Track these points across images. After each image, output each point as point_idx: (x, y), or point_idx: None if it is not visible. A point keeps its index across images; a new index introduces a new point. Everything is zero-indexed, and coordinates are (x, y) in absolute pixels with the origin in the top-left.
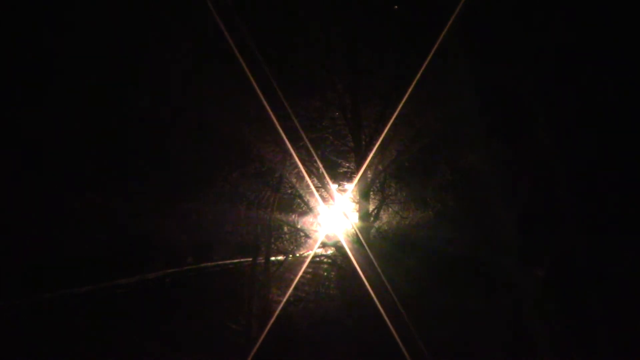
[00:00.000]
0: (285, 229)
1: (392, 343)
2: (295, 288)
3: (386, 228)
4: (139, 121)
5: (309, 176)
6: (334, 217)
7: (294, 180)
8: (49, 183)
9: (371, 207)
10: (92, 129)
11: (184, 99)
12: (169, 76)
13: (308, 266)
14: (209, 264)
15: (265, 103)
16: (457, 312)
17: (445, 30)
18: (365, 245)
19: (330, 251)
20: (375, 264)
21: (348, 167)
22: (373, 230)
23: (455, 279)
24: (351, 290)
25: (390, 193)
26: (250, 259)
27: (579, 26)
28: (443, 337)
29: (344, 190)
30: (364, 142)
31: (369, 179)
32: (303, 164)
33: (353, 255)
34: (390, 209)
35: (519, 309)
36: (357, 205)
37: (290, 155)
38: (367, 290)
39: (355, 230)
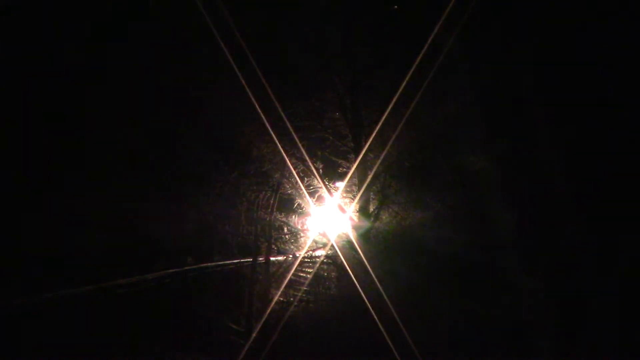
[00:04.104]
0: (285, 229)
1: (384, 344)
2: (295, 288)
3: (386, 228)
4: (139, 122)
5: (309, 176)
6: (334, 217)
7: (294, 180)
8: (49, 183)
9: (371, 208)
10: (93, 129)
11: (185, 100)
12: (169, 77)
13: (308, 266)
14: (209, 264)
15: (265, 103)
16: (456, 312)
17: (439, 25)
18: (357, 246)
19: (330, 251)
20: (368, 265)
21: (348, 167)
22: (373, 231)
23: (454, 279)
24: (351, 291)
25: (390, 193)
26: (250, 259)
27: (579, 25)
28: (440, 337)
29: (344, 190)
30: (364, 142)
31: (369, 179)
32: (303, 164)
33: (353, 255)
34: (390, 209)
35: (518, 309)
36: (358, 205)
37: (291, 155)
38: (369, 289)
39: (353, 231)
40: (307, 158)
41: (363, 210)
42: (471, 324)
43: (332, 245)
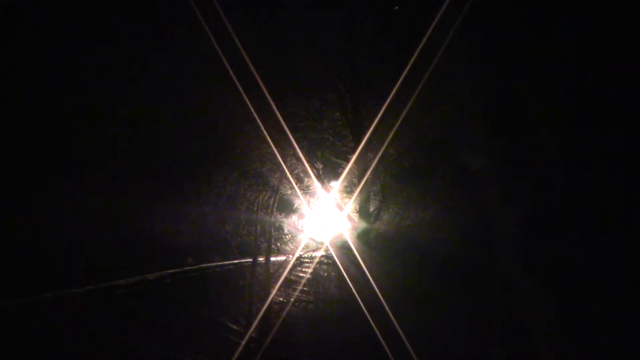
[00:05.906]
0: (285, 229)
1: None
2: (294, 288)
3: (386, 228)
4: (139, 122)
5: (309, 177)
6: (334, 217)
7: (294, 180)
8: (49, 183)
9: (371, 208)
10: (93, 129)
11: (185, 99)
12: (169, 77)
13: (307, 266)
14: (209, 264)
15: (266, 104)
16: (455, 312)
17: (438, 24)
18: (356, 245)
19: (330, 252)
20: (367, 265)
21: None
22: (373, 231)
23: (454, 279)
24: (350, 291)
25: (390, 193)
26: (250, 259)
27: (579, 26)
28: (439, 337)
29: (344, 191)
30: (364, 143)
31: (369, 180)
32: (303, 165)
33: (352, 255)
34: (390, 209)
35: (519, 309)
36: (357, 206)
37: (291, 155)
38: (368, 290)
39: (353, 231)
40: (307, 159)
41: (363, 211)
42: (470, 324)
43: (332, 245)
